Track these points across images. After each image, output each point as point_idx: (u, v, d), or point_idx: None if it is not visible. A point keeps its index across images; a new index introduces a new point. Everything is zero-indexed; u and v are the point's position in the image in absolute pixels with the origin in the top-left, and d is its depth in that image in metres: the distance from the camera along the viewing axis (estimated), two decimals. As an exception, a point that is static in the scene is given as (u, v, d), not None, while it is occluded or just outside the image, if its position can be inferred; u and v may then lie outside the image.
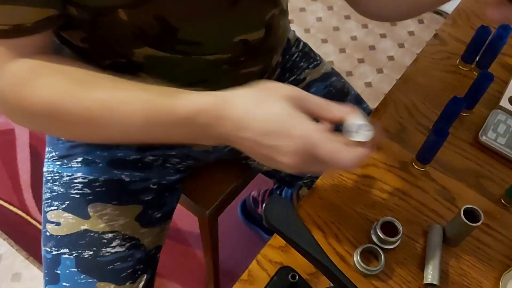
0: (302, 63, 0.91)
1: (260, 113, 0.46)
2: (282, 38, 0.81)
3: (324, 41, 1.92)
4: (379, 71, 1.84)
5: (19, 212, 1.46)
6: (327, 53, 1.88)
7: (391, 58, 1.88)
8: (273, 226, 0.40)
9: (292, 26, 1.53)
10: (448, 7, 1.90)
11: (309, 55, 0.93)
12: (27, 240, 1.41)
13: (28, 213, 1.46)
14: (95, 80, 0.53)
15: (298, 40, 0.95)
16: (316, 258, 0.41)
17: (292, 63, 0.90)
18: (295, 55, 0.92)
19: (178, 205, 1.00)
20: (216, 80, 0.71)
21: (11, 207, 1.46)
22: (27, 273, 1.37)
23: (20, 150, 1.57)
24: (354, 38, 1.94)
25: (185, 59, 0.65)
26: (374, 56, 1.89)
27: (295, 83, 0.88)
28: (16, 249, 1.40)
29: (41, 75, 0.53)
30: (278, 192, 1.31)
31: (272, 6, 0.68)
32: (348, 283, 0.42)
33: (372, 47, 1.91)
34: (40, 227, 1.41)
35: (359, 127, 0.46)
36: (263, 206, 0.41)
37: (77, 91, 0.52)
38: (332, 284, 0.46)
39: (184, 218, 1.43)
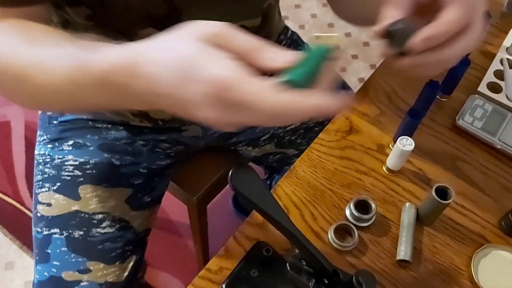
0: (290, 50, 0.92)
1: (168, 61, 0.37)
2: (276, 27, 0.83)
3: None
4: (373, 66, 1.86)
5: (13, 203, 1.48)
6: (309, 45, 1.90)
7: (384, 54, 1.89)
8: (238, 191, 0.41)
9: (287, 22, 1.55)
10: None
11: (297, 43, 0.95)
12: (21, 229, 1.43)
13: (22, 204, 1.47)
14: (44, 37, 0.49)
15: (286, 28, 0.97)
16: (280, 222, 0.43)
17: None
18: (283, 43, 0.94)
19: (170, 196, 1.02)
20: None
21: (5, 197, 1.48)
22: (21, 262, 1.39)
23: (15, 142, 1.59)
24: (348, 34, 1.96)
25: None
26: (368, 52, 1.90)
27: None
28: (9, 238, 1.42)
29: (2, 32, 0.52)
30: (269, 182, 1.32)
31: None
32: (311, 248, 0.44)
33: (366, 44, 1.93)
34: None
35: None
36: (230, 174, 0.42)
37: (22, 47, 0.49)
38: (297, 252, 0.47)
39: (176, 208, 1.45)
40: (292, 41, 0.95)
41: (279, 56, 0.37)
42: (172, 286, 1.36)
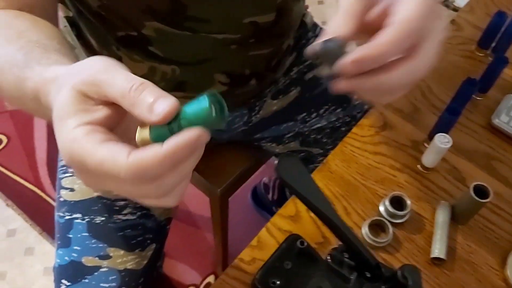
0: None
1: (54, 103, 0.35)
2: (295, 22, 0.81)
3: (341, 34, 1.92)
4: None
5: (34, 189, 1.49)
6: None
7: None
8: (285, 182, 0.41)
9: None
10: (460, 1, 1.90)
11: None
12: (41, 216, 1.44)
13: (43, 190, 1.49)
14: (14, 36, 0.48)
15: (315, 25, 0.96)
16: (326, 214, 0.42)
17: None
18: (312, 40, 0.93)
19: (189, 189, 1.02)
20: (224, 60, 0.72)
21: (26, 183, 1.50)
22: (40, 248, 1.40)
23: (38, 129, 1.60)
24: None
25: (193, 36, 0.66)
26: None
27: (311, 67, 0.89)
28: (30, 224, 1.43)
29: None
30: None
31: None
32: (355, 241, 0.43)
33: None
34: (54, 204, 1.44)
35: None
36: (276, 163, 0.42)
37: None
38: (339, 244, 0.47)
39: (195, 200, 1.45)
40: None
41: (156, 108, 0.31)
42: (189, 277, 1.36)
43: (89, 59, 0.36)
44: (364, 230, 0.61)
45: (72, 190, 0.76)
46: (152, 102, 0.31)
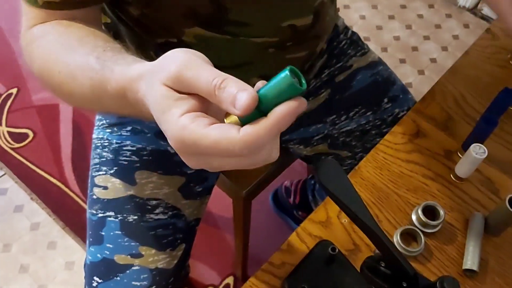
0: (350, 51, 0.91)
1: (149, 99, 0.39)
2: (329, 26, 0.82)
3: (367, 39, 1.91)
4: (420, 72, 1.82)
5: (59, 184, 1.51)
6: (371, 48, 1.87)
7: (433, 60, 1.86)
8: (325, 187, 0.41)
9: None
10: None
11: (357, 43, 0.94)
12: (65, 211, 1.46)
13: (67, 185, 1.50)
14: (75, 43, 0.52)
15: (346, 28, 0.96)
16: (365, 222, 0.42)
17: (339, 50, 0.91)
18: (343, 42, 0.92)
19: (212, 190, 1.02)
20: (262, 63, 0.72)
21: (51, 178, 1.52)
22: (63, 242, 1.41)
23: (63, 125, 1.62)
24: (397, 38, 1.93)
25: (232, 40, 0.66)
26: (416, 57, 1.87)
27: (342, 69, 0.89)
28: (53, 219, 1.45)
29: (45, 34, 0.55)
30: (313, 182, 1.31)
31: None
32: (394, 250, 0.43)
33: (415, 48, 1.89)
34: (78, 199, 1.46)
35: None
36: (316, 168, 0.42)
37: (59, 54, 0.52)
38: (376, 252, 0.46)
39: (217, 201, 1.45)
40: (352, 42, 0.94)
41: (237, 103, 0.35)
42: (208, 278, 1.37)
43: (171, 53, 0.39)
44: (396, 239, 0.60)
45: (105, 188, 0.77)
46: (234, 97, 0.34)
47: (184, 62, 0.37)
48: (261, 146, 0.35)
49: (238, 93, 0.34)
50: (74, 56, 0.50)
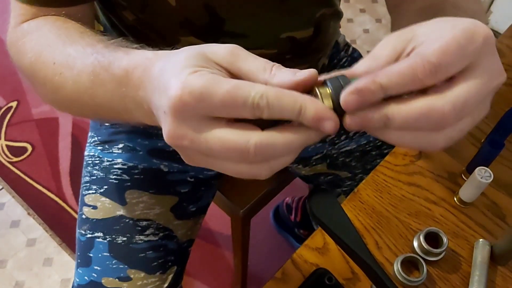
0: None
1: (165, 67, 0.35)
2: (331, 39, 0.79)
3: (370, 53, 1.89)
4: (425, 86, 1.79)
5: (56, 199, 1.49)
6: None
7: (438, 74, 1.83)
8: (317, 218, 0.38)
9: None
10: (502, 26, 1.85)
11: (357, 61, 0.91)
12: (62, 226, 1.43)
13: (64, 200, 1.48)
14: (77, 35, 0.49)
15: (347, 45, 0.93)
16: (361, 257, 0.39)
17: (340, 68, 0.89)
18: (344, 60, 0.90)
19: (211, 205, 1.00)
20: None
21: (48, 193, 1.50)
22: (59, 258, 1.39)
23: (62, 138, 1.61)
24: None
25: None
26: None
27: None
28: (50, 234, 1.42)
29: (39, 28, 0.53)
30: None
31: (323, 5, 0.67)
32: (392, 286, 0.40)
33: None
34: (75, 215, 1.44)
35: None
36: (308, 196, 0.39)
37: (56, 45, 0.49)
38: (372, 286, 0.43)
39: (215, 218, 1.43)
40: (353, 59, 0.91)
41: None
42: (206, 297, 1.33)
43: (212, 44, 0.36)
44: (396, 267, 0.57)
45: (95, 207, 0.74)
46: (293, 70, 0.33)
47: (233, 46, 0.34)
48: (281, 108, 0.31)
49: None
50: (75, 46, 0.47)
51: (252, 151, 0.31)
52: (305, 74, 0.33)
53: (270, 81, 0.33)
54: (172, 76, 0.32)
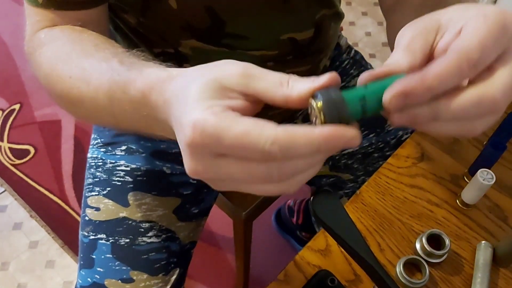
0: (352, 71, 0.89)
1: (181, 93, 0.35)
2: (332, 40, 0.80)
3: (372, 56, 1.89)
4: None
5: (58, 201, 1.49)
6: (375, 68, 1.85)
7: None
8: (320, 219, 0.38)
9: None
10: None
11: (360, 63, 0.91)
12: (64, 229, 1.43)
13: (67, 203, 1.48)
14: (92, 48, 0.49)
15: (349, 47, 0.94)
16: (364, 258, 0.39)
17: (342, 70, 0.89)
18: (346, 62, 0.90)
19: (213, 208, 1.00)
20: None
21: (51, 195, 1.50)
22: (61, 261, 1.39)
23: (65, 141, 1.61)
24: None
25: (230, 52, 0.65)
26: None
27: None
28: (52, 237, 1.42)
29: (55, 39, 0.53)
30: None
31: (323, 6, 0.67)
32: (394, 287, 0.40)
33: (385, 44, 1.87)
34: (77, 217, 1.44)
35: None
36: (311, 198, 0.39)
37: (71, 59, 0.49)
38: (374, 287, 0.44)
39: (218, 221, 1.43)
40: (355, 61, 0.92)
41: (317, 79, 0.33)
42: (208, 299, 1.33)
43: (222, 61, 0.36)
44: (399, 269, 0.57)
45: (98, 209, 0.74)
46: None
47: (244, 64, 0.34)
48: (296, 153, 0.30)
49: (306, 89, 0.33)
50: (90, 60, 0.47)
51: (276, 174, 0.31)
52: (325, 78, 0.33)
53: (289, 94, 0.33)
54: (184, 113, 0.33)
